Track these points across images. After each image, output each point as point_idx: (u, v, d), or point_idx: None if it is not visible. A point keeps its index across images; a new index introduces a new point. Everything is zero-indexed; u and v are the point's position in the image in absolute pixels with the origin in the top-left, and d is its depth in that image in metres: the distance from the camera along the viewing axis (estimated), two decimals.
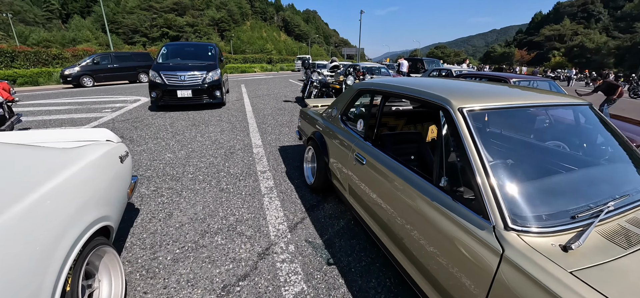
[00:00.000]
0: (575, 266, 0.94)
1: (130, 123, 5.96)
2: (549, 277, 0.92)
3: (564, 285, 0.89)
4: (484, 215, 1.16)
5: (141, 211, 2.67)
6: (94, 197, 1.51)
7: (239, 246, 2.22)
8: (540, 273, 0.93)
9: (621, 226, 1.16)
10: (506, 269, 1.02)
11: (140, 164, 3.76)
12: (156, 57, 7.67)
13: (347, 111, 2.61)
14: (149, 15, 68.18)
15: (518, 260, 1.00)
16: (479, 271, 1.10)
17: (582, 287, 0.87)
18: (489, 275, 1.07)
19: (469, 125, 1.34)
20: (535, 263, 0.96)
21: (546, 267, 0.94)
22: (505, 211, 1.11)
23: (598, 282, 0.88)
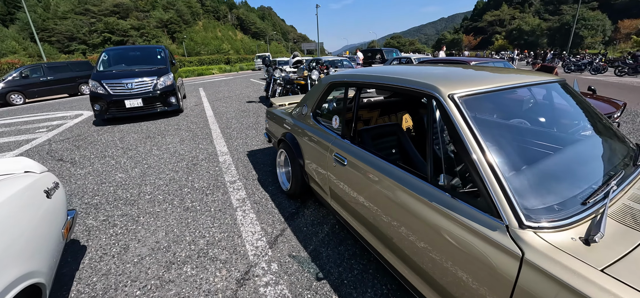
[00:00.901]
0: (604, 262, 0.84)
1: (70, 143, 5.21)
2: (581, 280, 0.80)
3: (599, 287, 0.78)
4: (494, 214, 1.03)
5: (89, 249, 2.25)
6: (11, 250, 1.15)
7: (213, 275, 1.93)
8: (570, 277, 0.82)
9: (626, 205, 1.11)
10: (529, 274, 0.90)
11: (84, 191, 3.24)
12: (96, 65, 6.81)
13: (319, 108, 2.41)
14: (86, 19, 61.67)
15: (542, 263, 0.88)
16: (497, 279, 0.98)
17: (618, 287, 0.77)
18: (508, 283, 0.94)
19: (464, 113, 1.21)
20: (563, 264, 0.85)
21: (575, 268, 0.83)
22: (517, 207, 0.99)
23: (633, 278, 0.79)
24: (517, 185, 1.07)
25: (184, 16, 77.40)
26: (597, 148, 1.50)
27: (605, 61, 20.67)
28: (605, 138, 1.55)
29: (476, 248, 1.04)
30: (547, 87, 1.73)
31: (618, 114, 4.29)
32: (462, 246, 1.09)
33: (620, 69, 17.30)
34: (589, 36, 60.46)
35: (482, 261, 1.02)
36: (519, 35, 77.84)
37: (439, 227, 1.19)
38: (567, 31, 49.93)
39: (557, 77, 1.74)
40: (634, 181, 1.25)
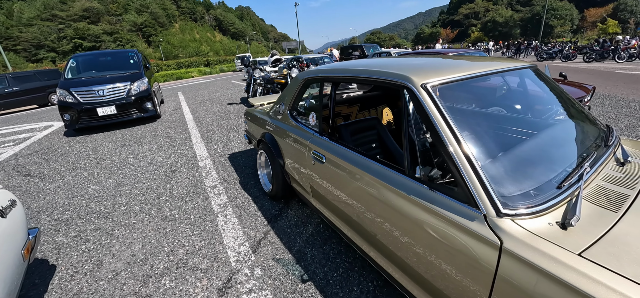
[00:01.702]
0: (582, 245, 0.84)
1: (39, 156, 4.91)
2: (560, 265, 0.80)
3: (577, 271, 0.77)
4: (472, 204, 1.02)
5: (58, 268, 2.11)
6: None
7: (193, 286, 1.85)
8: (549, 263, 0.81)
9: (599, 186, 1.12)
10: (509, 263, 0.88)
11: (54, 206, 3.05)
12: (63, 72, 6.45)
13: (296, 105, 2.36)
14: (53, 26, 58.54)
15: (520, 251, 0.87)
16: (477, 269, 0.96)
17: (596, 270, 0.77)
18: (489, 273, 0.93)
19: (437, 102, 1.20)
20: (541, 251, 0.84)
21: (553, 253, 0.83)
22: (494, 195, 0.98)
23: (610, 260, 0.79)
24: (493, 173, 1.06)
25: (159, 19, 75.00)
26: (570, 131, 1.53)
27: (574, 48, 21.68)
28: (577, 121, 1.58)
29: (456, 239, 1.03)
30: (519, 73, 1.76)
31: (588, 98, 4.47)
32: (442, 239, 1.08)
33: (588, 56, 18.19)
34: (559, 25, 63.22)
35: (462, 252, 1.01)
36: (494, 27, 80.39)
37: (418, 220, 1.17)
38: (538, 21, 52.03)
39: (529, 63, 1.77)
40: (606, 162, 1.28)
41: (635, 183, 1.14)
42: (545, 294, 0.80)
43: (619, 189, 1.10)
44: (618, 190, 1.09)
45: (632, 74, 11.00)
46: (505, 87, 1.90)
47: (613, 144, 1.41)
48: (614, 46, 17.69)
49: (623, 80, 9.82)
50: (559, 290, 0.78)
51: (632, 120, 5.15)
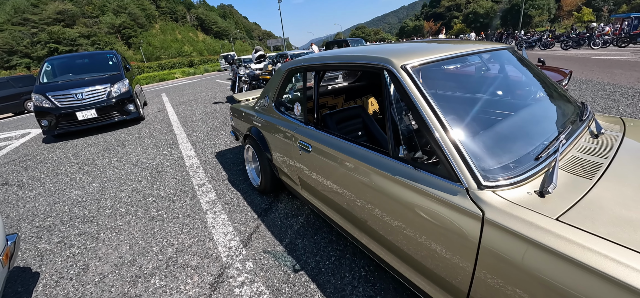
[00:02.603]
0: (559, 211, 0.88)
1: (17, 164, 4.71)
2: (538, 230, 0.83)
3: (555, 235, 0.81)
4: (454, 179, 1.05)
5: (42, 275, 2.04)
6: None
7: (183, 283, 1.83)
8: (528, 229, 0.85)
9: (574, 157, 1.17)
10: (491, 233, 0.92)
11: (35, 213, 2.94)
12: (38, 77, 6.19)
13: (280, 97, 2.35)
14: (26, 30, 55.97)
15: (502, 220, 0.90)
16: (462, 241, 0.99)
17: (573, 233, 0.80)
18: (473, 244, 0.96)
19: (417, 82, 1.22)
20: (521, 218, 0.88)
21: (532, 220, 0.86)
22: (475, 169, 1.01)
23: (585, 222, 0.83)
24: (473, 148, 1.09)
25: (138, 19, 72.80)
26: (547, 108, 1.59)
27: (552, 37, 22.39)
28: (553, 99, 1.64)
29: (441, 215, 1.06)
30: (497, 54, 1.81)
31: (566, 82, 4.63)
32: (427, 216, 1.10)
33: (565, 43, 18.82)
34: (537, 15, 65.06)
35: (448, 227, 1.04)
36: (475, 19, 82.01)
37: (404, 200, 1.19)
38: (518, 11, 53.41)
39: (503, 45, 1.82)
40: (581, 135, 1.33)
41: (608, 152, 1.19)
42: (526, 260, 0.83)
43: (593, 158, 1.15)
44: (592, 160, 1.14)
45: (606, 59, 11.45)
46: (484, 68, 1.95)
47: (587, 119, 1.47)
48: (589, 33, 18.38)
49: (598, 65, 10.21)
50: (538, 254, 0.82)
51: (607, 102, 5.38)
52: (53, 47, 55.54)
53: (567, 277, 0.76)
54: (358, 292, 1.64)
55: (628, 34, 16.89)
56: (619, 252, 0.73)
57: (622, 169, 1.07)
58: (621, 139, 1.32)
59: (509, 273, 0.87)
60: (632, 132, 1.42)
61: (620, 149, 1.22)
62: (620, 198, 0.92)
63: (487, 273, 0.94)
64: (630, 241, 0.76)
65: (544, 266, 0.80)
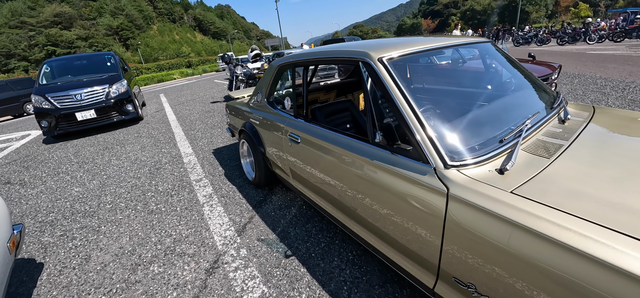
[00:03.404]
0: (514, 185, 0.98)
1: (18, 164, 4.80)
2: (494, 202, 0.93)
3: (508, 205, 0.91)
4: (424, 160, 1.15)
5: (46, 265, 2.14)
6: None
7: (181, 269, 1.93)
8: (485, 201, 0.95)
9: (539, 140, 1.27)
10: (455, 206, 1.02)
11: (37, 210, 3.03)
12: (37, 78, 6.28)
13: (272, 93, 2.44)
14: (23, 33, 55.84)
15: (463, 194, 1.00)
16: (431, 217, 1.09)
17: (524, 203, 0.90)
18: (440, 218, 1.06)
19: (392, 73, 1.32)
20: (479, 192, 0.98)
21: (489, 193, 0.96)
22: (442, 151, 1.11)
23: (536, 194, 0.93)
24: (442, 133, 1.19)
25: (136, 21, 72.68)
26: (519, 98, 1.69)
27: (548, 32, 22.48)
28: (527, 89, 1.74)
29: (413, 194, 1.15)
30: (475, 48, 1.90)
31: (555, 76, 4.73)
32: (402, 196, 1.20)
33: (561, 39, 18.91)
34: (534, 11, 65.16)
35: (419, 205, 1.13)
36: (473, 15, 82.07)
37: (382, 182, 1.29)
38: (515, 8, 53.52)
39: (483, 39, 1.91)
40: (548, 121, 1.43)
41: (570, 135, 1.29)
42: (485, 229, 0.93)
43: (555, 141, 1.25)
44: (554, 142, 1.24)
45: (600, 54, 11.56)
46: (461, 61, 2.04)
47: (558, 107, 1.57)
48: (585, 29, 18.49)
49: (592, 60, 10.31)
50: (494, 223, 0.91)
51: (597, 95, 5.48)
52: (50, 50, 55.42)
53: (520, 242, 0.85)
54: (345, 274, 1.74)
55: (623, 29, 17.00)
56: (564, 218, 0.82)
57: (579, 150, 1.17)
58: (586, 124, 1.42)
59: (471, 243, 0.97)
60: (598, 118, 1.52)
61: (583, 133, 1.32)
62: (572, 173, 1.02)
63: (453, 244, 1.03)
64: (574, 209, 0.85)
65: (500, 234, 0.90)
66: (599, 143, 1.23)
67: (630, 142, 1.25)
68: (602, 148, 1.18)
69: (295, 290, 1.66)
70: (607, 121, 1.48)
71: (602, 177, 0.99)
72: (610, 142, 1.24)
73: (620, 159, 1.09)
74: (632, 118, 1.51)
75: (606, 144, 1.22)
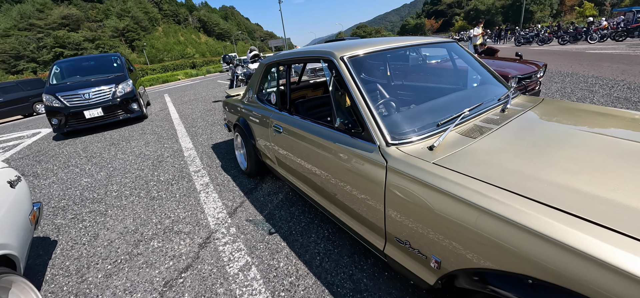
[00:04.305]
0: (437, 157, 1.21)
1: (31, 159, 5.12)
2: (417, 170, 1.17)
3: (428, 172, 1.14)
4: (372, 140, 1.38)
5: (59, 242, 2.41)
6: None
7: (177, 244, 2.19)
8: (413, 170, 1.18)
9: (476, 125, 1.50)
10: (391, 176, 1.25)
11: (50, 197, 3.32)
12: (48, 79, 6.62)
13: (261, 89, 2.70)
14: (32, 35, 57.07)
15: (397, 165, 1.23)
16: (376, 187, 1.33)
17: (440, 170, 1.13)
18: (382, 187, 1.30)
19: (350, 69, 1.56)
20: (408, 163, 1.21)
21: (415, 163, 1.19)
22: (385, 131, 1.35)
23: (451, 163, 1.16)
24: (388, 118, 1.42)
25: (141, 23, 73.73)
26: (470, 91, 1.91)
27: (550, 32, 22.47)
28: (481, 83, 1.96)
29: (363, 169, 1.39)
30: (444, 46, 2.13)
31: (541, 74, 4.91)
32: (357, 171, 1.44)
33: (562, 39, 18.91)
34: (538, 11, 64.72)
35: (368, 177, 1.37)
36: (477, 15, 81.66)
37: (342, 161, 1.53)
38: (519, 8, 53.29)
39: (448, 38, 2.14)
40: (490, 109, 1.66)
41: (503, 121, 1.52)
42: (411, 192, 1.16)
43: (488, 125, 1.48)
44: (487, 126, 1.47)
45: (599, 53, 11.64)
46: (420, 59, 2.27)
47: (505, 99, 1.79)
48: (586, 28, 18.49)
49: (589, 59, 10.41)
50: (417, 187, 1.15)
51: (584, 92, 5.65)
52: (58, 52, 56.55)
53: (435, 202, 1.08)
54: (319, 248, 1.98)
55: (625, 28, 16.98)
56: (469, 181, 1.05)
57: (503, 132, 1.39)
58: (523, 113, 1.64)
59: (403, 205, 1.21)
60: (539, 108, 1.74)
61: (515, 120, 1.54)
62: (487, 149, 1.24)
63: (391, 208, 1.27)
64: (479, 174, 1.08)
65: (421, 196, 1.13)
66: (524, 126, 1.45)
67: (551, 125, 1.46)
68: (524, 130, 1.40)
69: (275, 260, 1.91)
70: (546, 110, 1.69)
71: (511, 151, 1.22)
72: (534, 126, 1.46)
73: (534, 139, 1.31)
74: (572, 109, 1.71)
75: (529, 127, 1.44)
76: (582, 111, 1.65)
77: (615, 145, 1.20)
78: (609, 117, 1.55)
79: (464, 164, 1.15)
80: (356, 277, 1.71)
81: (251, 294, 1.66)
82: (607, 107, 1.68)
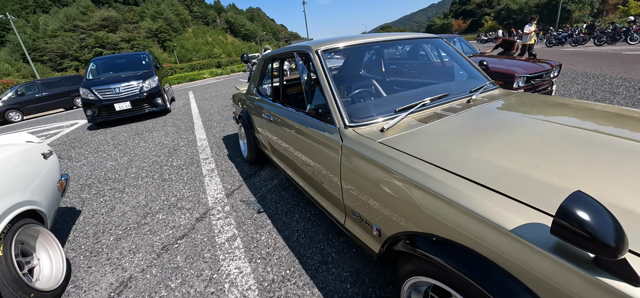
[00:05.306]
0: (384, 138, 1.37)
1: (67, 145, 5.74)
2: (365, 148, 1.33)
3: (372, 149, 1.30)
4: (334, 123, 1.56)
5: (83, 212, 2.79)
6: (16, 184, 1.67)
7: (178, 218, 2.47)
8: (359, 147, 1.35)
9: (436, 112, 1.62)
10: (345, 153, 1.42)
11: (80, 176, 3.77)
12: (85, 74, 7.33)
13: (260, 82, 2.93)
14: (76, 36, 61.96)
15: (349, 143, 1.40)
16: (334, 164, 1.50)
17: (383, 148, 1.29)
18: (338, 164, 1.47)
19: (322, 61, 1.73)
20: (358, 142, 1.38)
21: (364, 142, 1.36)
22: (344, 115, 1.52)
23: (393, 143, 1.31)
24: (350, 103, 1.59)
25: (173, 24, 77.54)
26: (444, 84, 2.02)
27: (586, 32, 21.10)
28: (454, 78, 2.06)
29: (327, 148, 1.57)
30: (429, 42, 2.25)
31: (554, 74, 4.80)
32: (322, 151, 1.62)
33: (599, 39, 17.72)
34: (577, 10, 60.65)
35: (329, 155, 1.55)
36: (508, 15, 78.00)
37: (313, 142, 1.71)
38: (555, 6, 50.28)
39: (433, 35, 2.25)
40: (454, 100, 1.77)
41: (461, 110, 1.63)
42: (358, 167, 1.33)
43: (446, 113, 1.60)
44: (445, 113, 1.59)
45: (636, 55, 10.89)
46: (398, 54, 2.39)
47: (476, 92, 1.88)
48: (627, 28, 17.21)
49: (622, 60, 9.79)
50: (362, 162, 1.31)
51: (606, 94, 5.42)
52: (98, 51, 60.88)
53: (377, 175, 1.24)
54: (299, 226, 2.17)
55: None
56: (405, 157, 1.20)
57: (454, 119, 1.51)
58: (485, 104, 1.74)
59: (353, 178, 1.38)
60: (507, 100, 1.81)
61: (474, 108, 1.65)
62: (436, 132, 1.37)
63: (345, 182, 1.44)
64: (417, 152, 1.22)
65: (365, 170, 1.30)
66: (479, 114, 1.55)
67: (507, 114, 1.54)
68: (478, 118, 1.51)
69: (258, 234, 2.13)
70: (513, 102, 1.76)
71: (455, 134, 1.33)
72: (489, 114, 1.56)
73: (483, 125, 1.42)
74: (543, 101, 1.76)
75: (484, 116, 1.54)
76: (553, 104, 1.70)
77: (558, 130, 1.27)
78: (575, 109, 1.57)
79: (405, 143, 1.30)
80: (326, 251, 1.88)
81: (232, 259, 1.89)
82: (587, 101, 1.71)
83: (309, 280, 1.67)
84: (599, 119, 1.40)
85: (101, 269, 1.95)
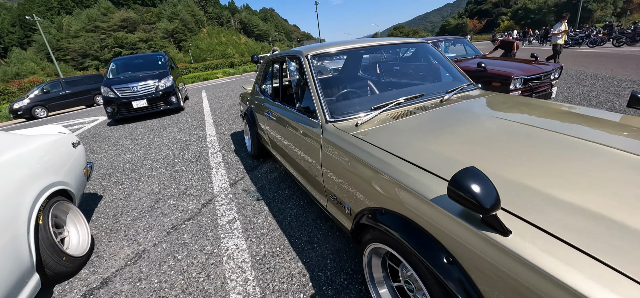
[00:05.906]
0: (357, 131, 1.59)
1: (89, 139, 6.20)
2: (339, 139, 1.56)
3: (344, 140, 1.53)
4: (317, 118, 1.79)
5: (104, 197, 3.12)
6: (51, 167, 1.99)
7: (187, 203, 2.76)
8: (335, 138, 1.58)
9: (409, 110, 1.83)
10: (324, 145, 1.66)
11: (100, 167, 4.15)
12: (105, 73, 7.83)
13: (263, 82, 3.20)
14: (96, 36, 64.52)
15: (328, 136, 1.64)
16: (316, 154, 1.74)
17: (352, 139, 1.51)
18: (319, 153, 1.71)
19: (311, 65, 1.97)
20: (335, 134, 1.61)
21: (339, 134, 1.59)
22: (326, 112, 1.75)
23: (363, 135, 1.53)
24: (332, 101, 1.82)
25: (189, 25, 79.49)
26: (423, 85, 2.21)
27: (605, 33, 20.48)
28: (433, 80, 2.26)
29: (311, 140, 1.81)
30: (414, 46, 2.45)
31: (556, 76, 4.87)
32: (308, 143, 1.85)
33: (618, 40, 17.20)
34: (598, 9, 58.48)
35: (313, 146, 1.78)
36: (525, 15, 75.95)
37: (301, 135, 1.95)
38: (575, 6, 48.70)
39: (419, 39, 2.45)
40: (428, 100, 1.96)
41: (433, 108, 1.83)
42: (333, 155, 1.56)
43: (418, 111, 1.80)
44: (417, 111, 1.80)
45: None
46: (384, 57, 2.60)
47: (452, 92, 2.08)
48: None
49: (637, 62, 9.60)
50: (336, 150, 1.54)
51: (610, 96, 5.43)
52: (117, 51, 63.18)
53: (347, 161, 1.47)
54: (293, 212, 2.42)
55: None
56: (370, 147, 1.42)
57: (427, 116, 1.71)
58: (457, 103, 1.93)
59: (330, 166, 1.61)
60: (479, 101, 1.99)
61: (445, 107, 1.84)
62: (404, 127, 1.58)
63: (325, 169, 1.68)
64: (382, 143, 1.44)
65: (338, 159, 1.53)
66: (447, 113, 1.75)
67: (473, 112, 1.73)
68: (445, 115, 1.70)
69: (255, 217, 2.39)
70: (483, 102, 1.94)
71: (421, 129, 1.54)
72: (456, 112, 1.75)
73: (449, 121, 1.61)
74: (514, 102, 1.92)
75: (451, 114, 1.73)
76: (519, 104, 1.87)
77: (506, 126, 1.45)
78: (536, 108, 1.73)
79: (372, 136, 1.52)
80: (313, 233, 2.12)
81: (231, 238, 2.15)
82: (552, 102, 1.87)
83: (295, 256, 1.91)
84: (551, 116, 1.58)
85: (119, 243, 2.25)
